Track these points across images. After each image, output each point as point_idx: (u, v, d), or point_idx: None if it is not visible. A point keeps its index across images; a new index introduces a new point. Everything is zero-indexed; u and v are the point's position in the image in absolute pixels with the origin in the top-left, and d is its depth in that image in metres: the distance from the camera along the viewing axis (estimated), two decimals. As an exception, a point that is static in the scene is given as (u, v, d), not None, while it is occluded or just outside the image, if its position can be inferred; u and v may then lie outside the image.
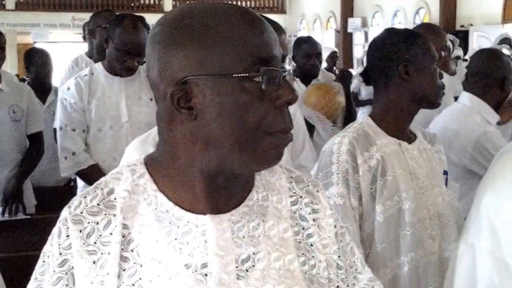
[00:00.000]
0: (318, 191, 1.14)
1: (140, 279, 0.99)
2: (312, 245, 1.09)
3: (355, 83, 6.91)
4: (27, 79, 5.13)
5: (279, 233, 1.06)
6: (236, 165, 0.98)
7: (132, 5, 20.23)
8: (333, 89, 4.11)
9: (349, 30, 18.34)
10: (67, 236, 1.01)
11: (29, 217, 3.38)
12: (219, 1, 1.02)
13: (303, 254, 1.07)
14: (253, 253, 1.02)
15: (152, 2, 20.74)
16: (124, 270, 0.99)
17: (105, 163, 3.02)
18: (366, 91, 6.67)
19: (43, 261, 1.04)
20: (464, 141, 2.72)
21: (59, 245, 1.01)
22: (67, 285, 1.00)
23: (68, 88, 3.06)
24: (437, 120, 2.92)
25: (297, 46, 4.46)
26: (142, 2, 20.64)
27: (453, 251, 1.56)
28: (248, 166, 0.99)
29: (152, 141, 1.11)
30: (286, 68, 4.98)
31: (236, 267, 1.00)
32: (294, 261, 1.06)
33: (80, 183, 3.17)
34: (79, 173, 3.06)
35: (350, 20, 18.30)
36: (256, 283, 1.01)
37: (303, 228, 1.09)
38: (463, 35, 12.48)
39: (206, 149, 0.98)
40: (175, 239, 1.00)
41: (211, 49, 0.95)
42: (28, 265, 1.23)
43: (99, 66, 3.11)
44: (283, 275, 1.03)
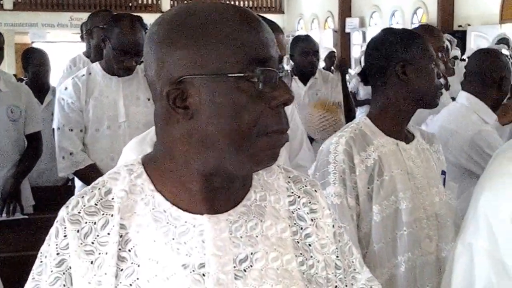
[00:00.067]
0: (316, 191, 1.13)
1: (138, 279, 0.99)
2: (310, 245, 1.09)
3: (353, 83, 6.94)
4: (24, 79, 5.11)
5: (277, 233, 1.06)
6: (232, 165, 0.98)
7: (130, 5, 20.21)
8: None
9: (347, 30, 18.36)
10: (65, 236, 1.00)
11: (26, 217, 3.36)
12: (217, 1, 1.02)
13: (301, 254, 1.07)
14: (251, 253, 1.02)
15: (150, 2, 20.72)
16: (122, 270, 0.99)
17: (102, 163, 3.02)
18: (364, 91, 6.68)
19: (41, 261, 1.03)
20: (460, 140, 2.72)
21: (57, 245, 1.01)
22: (64, 285, 1.00)
23: (66, 88, 3.05)
24: (435, 119, 2.92)
25: (294, 44, 4.48)
26: (140, 2, 20.62)
27: (450, 251, 1.56)
28: (244, 167, 0.99)
29: (149, 141, 1.11)
30: (284, 68, 5.00)
31: (234, 267, 1.00)
32: (292, 261, 1.05)
33: (78, 183, 3.16)
34: (76, 173, 3.06)
35: (348, 20, 18.31)
36: (254, 283, 1.01)
37: (301, 228, 1.09)
38: (461, 35, 12.49)
39: (202, 149, 0.98)
40: (173, 239, 1.00)
41: (207, 48, 0.95)
42: (25, 265, 1.22)
43: (96, 66, 3.10)
44: (281, 275, 1.03)
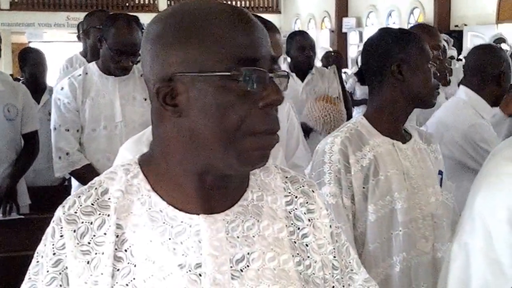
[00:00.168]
0: (313, 191, 1.13)
1: (134, 279, 0.98)
2: (307, 245, 1.09)
3: (350, 83, 6.93)
4: (21, 79, 5.11)
5: (274, 233, 1.06)
6: (221, 164, 0.98)
7: (127, 4, 20.19)
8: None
9: (343, 30, 18.37)
10: (61, 236, 1.00)
11: (23, 217, 3.36)
12: (213, 1, 1.02)
13: (298, 254, 1.07)
14: (248, 253, 1.02)
15: (146, 2, 20.70)
16: (118, 270, 0.99)
17: (99, 163, 3.02)
18: (361, 91, 6.68)
19: (37, 261, 1.03)
20: (454, 133, 2.73)
21: (53, 245, 1.01)
22: (61, 285, 1.00)
23: (62, 88, 3.05)
24: (434, 115, 2.93)
25: (290, 40, 4.47)
26: (137, 1, 20.60)
27: (446, 251, 1.56)
28: (232, 166, 0.98)
29: (146, 141, 1.11)
30: (281, 68, 4.99)
31: (231, 267, 1.00)
32: (289, 261, 1.05)
33: (75, 183, 3.16)
34: (73, 173, 3.06)
35: (344, 20, 18.33)
36: (250, 283, 1.01)
37: (298, 228, 1.09)
38: (457, 35, 12.53)
39: (192, 147, 0.98)
40: (169, 239, 1.00)
41: (197, 47, 0.95)
42: (22, 265, 1.22)
43: (93, 65, 3.10)
44: (278, 275, 1.03)
